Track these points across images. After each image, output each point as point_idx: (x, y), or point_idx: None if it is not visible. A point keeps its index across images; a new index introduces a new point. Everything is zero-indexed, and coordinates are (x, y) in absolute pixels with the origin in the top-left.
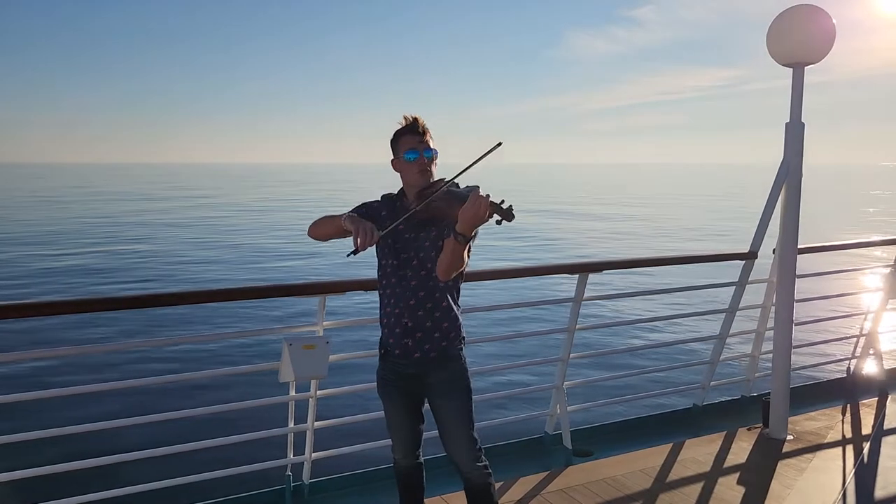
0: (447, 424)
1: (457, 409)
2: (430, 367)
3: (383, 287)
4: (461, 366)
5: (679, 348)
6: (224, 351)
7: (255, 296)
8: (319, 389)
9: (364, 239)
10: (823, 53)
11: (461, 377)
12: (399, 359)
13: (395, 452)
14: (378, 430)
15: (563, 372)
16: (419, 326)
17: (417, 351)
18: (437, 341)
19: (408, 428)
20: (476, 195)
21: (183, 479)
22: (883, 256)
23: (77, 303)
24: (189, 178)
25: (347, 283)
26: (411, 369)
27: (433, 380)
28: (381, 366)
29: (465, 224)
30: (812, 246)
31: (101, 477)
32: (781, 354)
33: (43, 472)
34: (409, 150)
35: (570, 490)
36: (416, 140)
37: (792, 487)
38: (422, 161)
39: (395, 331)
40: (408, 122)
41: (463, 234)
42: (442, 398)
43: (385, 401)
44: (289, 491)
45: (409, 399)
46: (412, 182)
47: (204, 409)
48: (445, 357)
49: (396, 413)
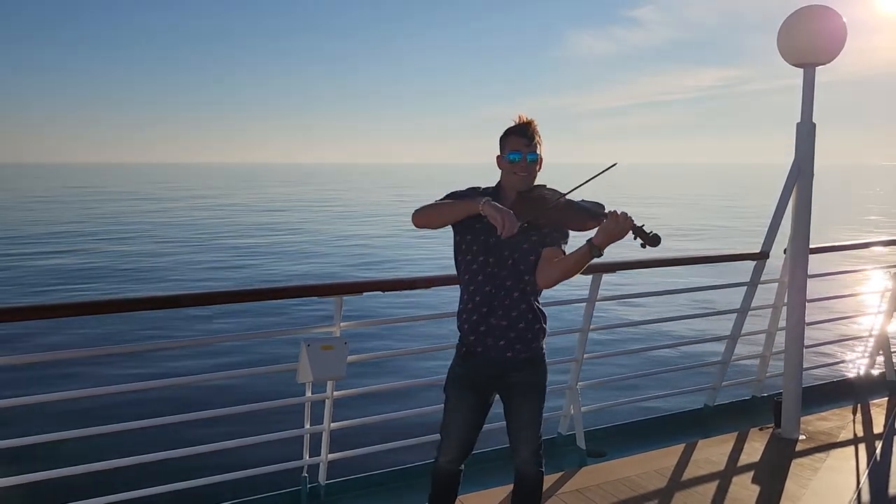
0: (522, 423)
1: (536, 409)
2: (519, 368)
3: (468, 283)
4: (545, 366)
5: (690, 348)
6: (237, 352)
7: (271, 297)
8: (336, 390)
9: (509, 226)
10: (835, 54)
11: (545, 377)
12: (483, 358)
13: (443, 455)
14: (394, 430)
15: (576, 372)
16: (513, 327)
17: (509, 350)
18: (529, 342)
19: (469, 430)
20: (622, 217)
21: (199, 480)
22: (893, 256)
23: (95, 304)
24: (184, 179)
25: (364, 284)
26: (496, 369)
27: (517, 380)
28: (458, 363)
29: (606, 239)
30: (823, 246)
31: (118, 479)
32: (793, 354)
33: (60, 475)
34: (513, 150)
35: (585, 490)
36: (522, 142)
37: (807, 487)
38: (524, 163)
39: (481, 329)
40: (522, 120)
41: (599, 247)
42: (523, 397)
43: (454, 399)
44: (305, 492)
45: (480, 400)
46: (511, 182)
47: (220, 411)
48: (536, 358)
49: (463, 414)
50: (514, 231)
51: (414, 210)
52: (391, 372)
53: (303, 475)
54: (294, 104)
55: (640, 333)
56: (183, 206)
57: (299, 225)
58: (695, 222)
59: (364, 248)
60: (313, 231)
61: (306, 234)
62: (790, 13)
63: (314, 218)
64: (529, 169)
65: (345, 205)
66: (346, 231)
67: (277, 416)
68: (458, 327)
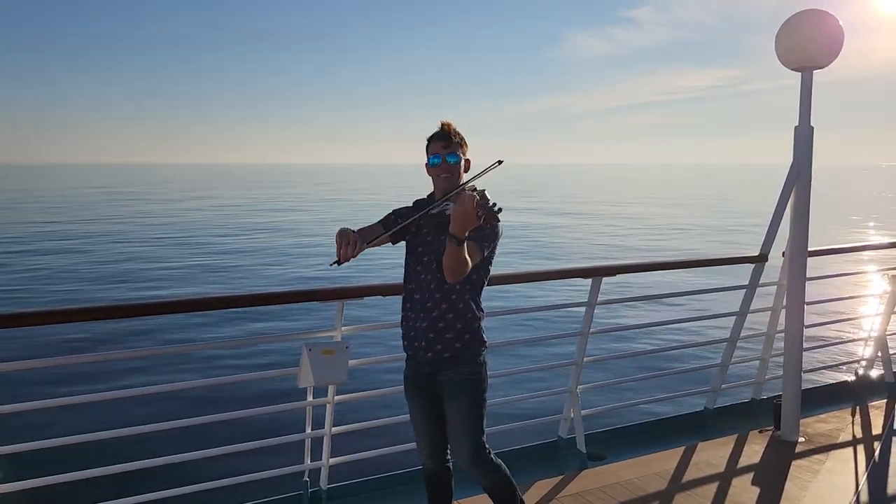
0: (452, 423)
1: (462, 410)
2: (443, 368)
3: (406, 289)
4: (474, 369)
5: (690, 351)
6: (238, 357)
7: (273, 302)
8: (337, 394)
9: (345, 250)
10: (832, 57)
11: (473, 380)
12: (415, 359)
13: (420, 454)
14: (395, 434)
15: (576, 376)
16: (433, 327)
17: (430, 350)
18: (449, 342)
19: (428, 429)
20: (465, 196)
21: (200, 485)
22: (891, 258)
23: (94, 310)
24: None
25: (365, 289)
26: (427, 369)
27: (444, 379)
28: (406, 366)
29: (456, 225)
30: (822, 249)
31: (118, 484)
32: (792, 357)
33: (61, 480)
34: (433, 154)
35: (586, 493)
36: (440, 145)
37: (807, 489)
38: (444, 166)
39: (411, 333)
40: (439, 128)
41: (455, 236)
42: (450, 400)
43: (409, 401)
44: (306, 497)
45: (427, 399)
46: (437, 185)
47: (220, 416)
48: (458, 359)
49: (418, 413)
50: (352, 254)
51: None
52: (392, 376)
53: (304, 479)
54: (290, 104)
55: (640, 336)
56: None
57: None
58: (689, 222)
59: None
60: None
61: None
62: (787, 17)
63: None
64: (451, 170)
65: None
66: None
67: (278, 420)
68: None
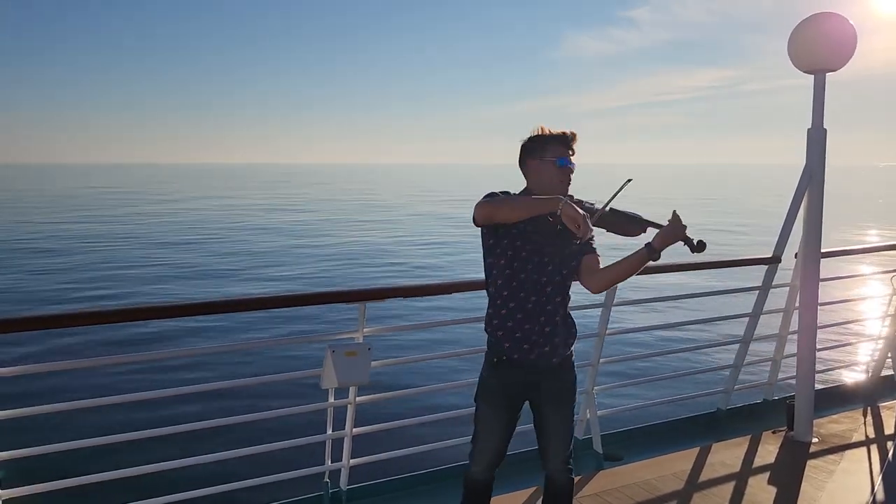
0: (553, 430)
1: (568, 416)
2: (552, 375)
3: (502, 287)
4: (574, 376)
5: (703, 352)
6: (257, 359)
7: (296, 303)
8: (358, 395)
9: (585, 228)
10: (845, 60)
11: (575, 384)
12: (518, 365)
13: (476, 464)
14: (415, 435)
15: (592, 377)
16: (556, 333)
17: (545, 357)
18: (562, 348)
19: (500, 442)
20: (677, 217)
21: (221, 486)
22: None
23: (122, 312)
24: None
25: (387, 290)
26: (531, 377)
27: (549, 386)
28: (491, 373)
29: (664, 241)
30: (835, 250)
31: (142, 486)
32: (805, 358)
33: (89, 481)
34: (562, 157)
35: (604, 494)
36: (567, 150)
37: (823, 489)
38: (570, 170)
39: (517, 335)
40: (564, 133)
41: (657, 250)
42: (554, 405)
43: (486, 408)
44: (327, 497)
45: (514, 410)
46: (554, 188)
47: (242, 417)
48: (568, 364)
49: (495, 425)
50: (588, 234)
51: (479, 202)
52: (413, 377)
53: (324, 480)
54: (285, 104)
55: (653, 337)
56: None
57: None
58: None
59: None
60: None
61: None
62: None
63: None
64: (571, 175)
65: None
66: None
67: (299, 421)
68: (490, 333)
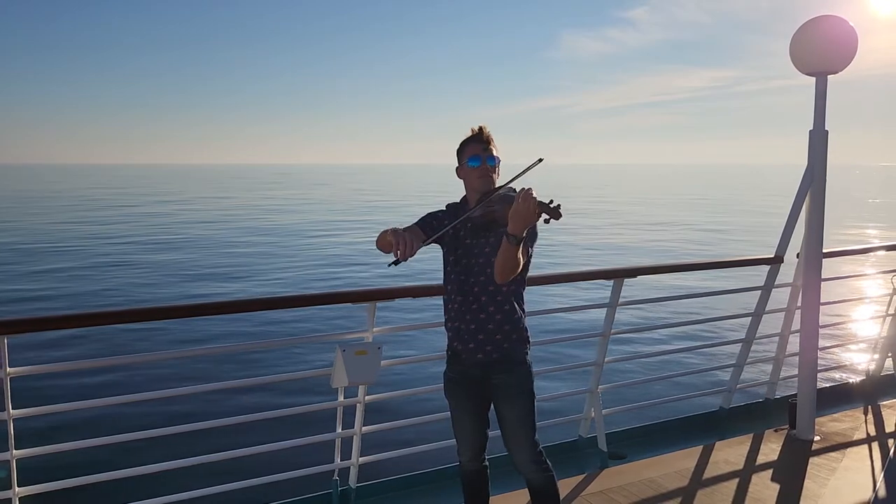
0: (509, 427)
1: (519, 412)
2: (494, 370)
3: (448, 292)
4: (525, 369)
5: (705, 351)
6: (268, 358)
7: (306, 304)
8: (367, 394)
9: (403, 250)
10: (846, 63)
11: (524, 381)
12: (463, 361)
13: (461, 455)
14: (424, 433)
15: (597, 376)
16: (481, 329)
17: (480, 353)
18: (498, 343)
19: (473, 430)
20: (524, 194)
21: (231, 484)
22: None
23: (134, 312)
24: None
25: (396, 291)
26: (476, 371)
27: (497, 382)
28: (448, 368)
29: (515, 224)
30: (837, 250)
31: (152, 483)
32: (807, 357)
33: (98, 479)
34: (472, 156)
35: (608, 492)
36: (479, 147)
37: (826, 486)
38: (484, 168)
39: (459, 334)
40: (474, 131)
41: (514, 235)
42: (505, 401)
43: (451, 402)
44: (336, 495)
45: (473, 401)
46: (474, 187)
47: (253, 416)
48: (508, 360)
49: (462, 415)
50: (412, 253)
51: (379, 233)
52: (421, 376)
53: (334, 478)
54: (286, 104)
55: (657, 337)
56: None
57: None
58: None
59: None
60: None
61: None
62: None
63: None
64: (490, 171)
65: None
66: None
67: (309, 420)
68: (447, 334)
